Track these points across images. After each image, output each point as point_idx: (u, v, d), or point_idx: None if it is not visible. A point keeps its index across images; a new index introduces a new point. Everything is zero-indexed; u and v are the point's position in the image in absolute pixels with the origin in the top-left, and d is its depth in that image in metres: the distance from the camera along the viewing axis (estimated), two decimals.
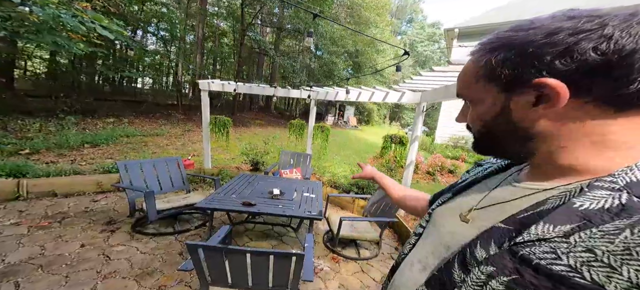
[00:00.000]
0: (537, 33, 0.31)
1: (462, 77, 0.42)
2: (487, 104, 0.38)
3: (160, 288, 1.70)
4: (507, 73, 0.34)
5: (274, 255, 1.15)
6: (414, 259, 0.47)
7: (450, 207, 0.48)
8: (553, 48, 0.30)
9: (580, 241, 0.26)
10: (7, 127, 5.57)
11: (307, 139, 4.61)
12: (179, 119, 9.69)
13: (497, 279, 0.30)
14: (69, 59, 9.61)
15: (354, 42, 14.65)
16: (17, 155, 4.07)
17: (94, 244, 2.16)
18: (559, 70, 0.30)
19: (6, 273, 1.72)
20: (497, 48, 0.35)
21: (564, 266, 0.26)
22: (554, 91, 0.30)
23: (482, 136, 0.42)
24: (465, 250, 0.36)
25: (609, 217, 0.26)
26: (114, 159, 4.53)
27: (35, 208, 2.69)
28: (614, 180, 0.28)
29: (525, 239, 0.30)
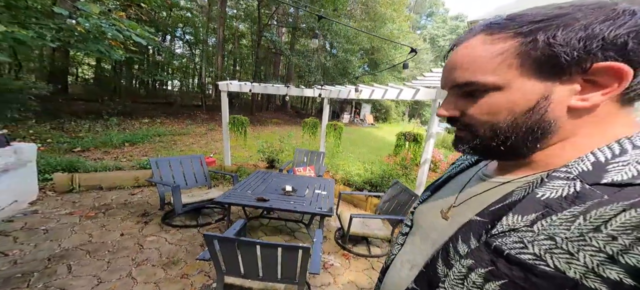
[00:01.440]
0: (604, 12, 0.28)
1: (472, 60, 0.34)
2: (518, 91, 0.32)
3: (183, 276, 1.87)
4: (573, 54, 0.29)
5: (282, 248, 1.24)
6: (403, 259, 0.47)
7: (430, 205, 0.49)
8: (627, 30, 0.27)
9: (543, 229, 0.27)
10: (63, 127, 6.30)
11: (321, 138, 4.68)
12: (202, 118, 10.25)
13: (475, 272, 0.31)
14: (111, 65, 10.57)
15: (369, 39, 14.42)
16: (71, 153, 4.61)
17: (131, 233, 2.40)
18: (629, 54, 0.27)
19: (62, 256, 1.99)
20: (556, 26, 0.29)
21: (531, 254, 0.27)
22: (621, 77, 0.28)
23: (497, 134, 0.34)
24: (448, 246, 0.37)
25: (566, 205, 0.27)
26: (148, 157, 4.96)
27: (85, 200, 3.02)
28: (568, 170, 0.30)
29: (498, 230, 0.31)
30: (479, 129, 0.36)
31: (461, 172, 0.50)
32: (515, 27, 0.32)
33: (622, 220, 0.24)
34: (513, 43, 0.31)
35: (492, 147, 0.36)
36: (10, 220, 2.41)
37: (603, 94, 0.29)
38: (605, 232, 0.24)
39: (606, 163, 0.28)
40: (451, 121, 0.40)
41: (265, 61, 14.61)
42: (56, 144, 4.93)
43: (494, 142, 0.35)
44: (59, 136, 5.54)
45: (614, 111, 0.31)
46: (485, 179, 0.40)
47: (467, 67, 0.35)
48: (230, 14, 14.19)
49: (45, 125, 6.16)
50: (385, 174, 4.00)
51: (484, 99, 0.34)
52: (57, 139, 5.27)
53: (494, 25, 0.34)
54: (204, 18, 13.11)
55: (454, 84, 0.37)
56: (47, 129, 5.90)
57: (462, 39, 0.37)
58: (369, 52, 17.01)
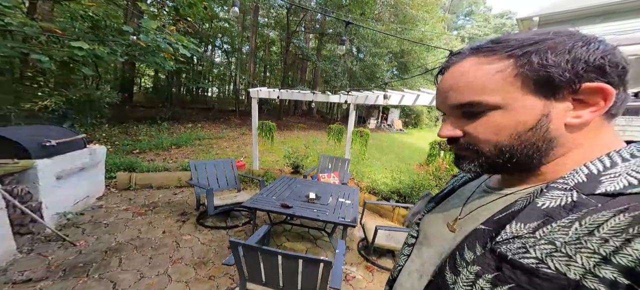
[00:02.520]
0: (580, 39, 0.32)
1: (470, 81, 0.36)
2: (520, 111, 0.34)
3: (211, 278, 1.96)
4: (565, 75, 0.32)
5: (303, 260, 1.22)
6: (412, 269, 0.48)
7: (436, 216, 0.50)
8: (601, 54, 0.31)
9: (544, 235, 0.29)
10: (127, 131, 7.23)
11: (346, 144, 4.62)
12: (236, 123, 10.90)
13: (483, 278, 0.33)
14: (165, 75, 11.90)
15: (399, 42, 13.96)
16: (132, 154, 5.25)
17: (171, 231, 2.60)
18: (608, 74, 0.31)
19: (116, 250, 2.22)
20: (543, 49, 0.32)
21: (533, 258, 0.29)
22: (607, 96, 0.31)
23: (501, 152, 0.36)
24: (455, 254, 0.38)
25: (565, 213, 0.29)
26: (190, 159, 5.42)
27: (138, 197, 3.38)
28: (565, 181, 0.32)
29: (503, 237, 0.32)
30: (483, 148, 0.37)
31: (464, 184, 0.52)
32: (507, 49, 0.34)
33: (612, 224, 0.26)
34: (509, 63, 0.34)
35: (498, 164, 0.38)
36: (81, 213, 2.79)
37: (591, 112, 0.32)
38: (598, 235, 0.26)
39: (599, 175, 0.30)
40: (451, 141, 0.41)
41: (293, 67, 15.05)
42: (121, 146, 5.67)
43: (499, 160, 0.37)
44: (124, 139, 6.36)
45: (600, 126, 0.34)
46: (489, 191, 0.42)
47: (462, 89, 0.37)
48: (262, 22, 14.98)
49: (114, 129, 7.13)
50: (415, 184, 3.79)
51: (485, 118, 0.36)
52: (122, 142, 6.06)
53: (483, 48, 0.36)
54: (239, 27, 14.04)
55: (452, 105, 0.38)
56: (115, 133, 6.82)
57: (452, 62, 0.39)
58: (399, 55, 16.45)
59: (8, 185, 2.10)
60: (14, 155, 2.23)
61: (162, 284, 1.85)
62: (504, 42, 0.35)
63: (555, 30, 0.34)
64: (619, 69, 0.31)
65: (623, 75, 0.32)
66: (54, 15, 6.23)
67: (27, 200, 2.25)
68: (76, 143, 2.87)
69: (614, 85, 0.31)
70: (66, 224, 2.55)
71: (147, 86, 14.38)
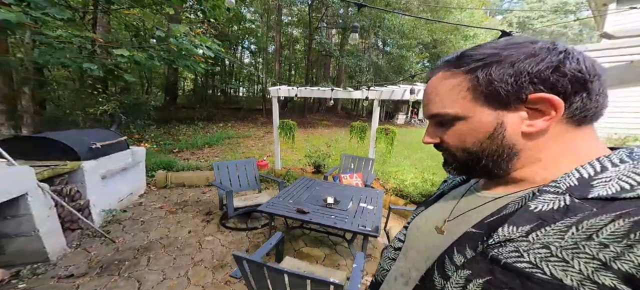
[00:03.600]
0: (527, 52, 0.34)
1: (436, 95, 0.41)
2: (477, 121, 0.38)
3: (227, 283, 1.95)
4: (507, 88, 0.34)
5: (311, 281, 1.10)
6: (397, 274, 0.49)
7: (424, 220, 0.50)
8: (547, 65, 0.33)
9: (537, 239, 0.30)
10: (170, 131, 7.95)
11: (370, 143, 4.37)
12: (262, 122, 11.22)
13: (474, 282, 0.33)
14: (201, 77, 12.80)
15: (430, 31, 12.90)
16: (172, 153, 5.72)
17: (196, 231, 2.68)
18: (554, 85, 0.33)
19: (146, 248, 2.34)
20: (490, 63, 0.35)
21: (527, 263, 0.30)
22: (554, 105, 0.33)
23: (471, 157, 0.40)
24: (443, 257, 0.39)
25: (559, 217, 0.30)
26: (220, 158, 5.70)
27: (172, 195, 3.60)
28: (557, 185, 0.33)
29: (495, 240, 0.33)
30: (456, 153, 0.42)
31: (453, 188, 0.52)
32: (464, 64, 0.38)
33: (613, 230, 0.26)
34: (463, 79, 0.38)
35: (470, 167, 0.42)
36: (124, 210, 3.05)
37: (544, 120, 0.34)
38: (597, 240, 0.26)
39: (590, 179, 0.31)
40: (435, 146, 0.45)
41: (316, 64, 14.96)
42: (164, 146, 6.21)
43: (470, 164, 0.41)
44: (166, 139, 6.97)
45: (571, 131, 0.35)
46: (480, 195, 0.43)
47: (434, 100, 0.41)
48: (286, 21, 15.13)
49: (160, 129, 7.87)
50: None
51: (453, 127, 0.40)
52: (165, 142, 6.64)
53: (449, 62, 0.40)
54: (264, 28, 14.38)
55: (428, 115, 0.43)
56: (161, 133, 7.51)
57: (431, 74, 0.43)
58: (430, 45, 15.26)
59: (58, 185, 2.34)
60: (64, 157, 2.48)
61: (181, 287, 1.89)
62: (463, 58, 0.38)
63: (510, 42, 0.36)
64: (569, 78, 0.33)
65: (579, 84, 0.33)
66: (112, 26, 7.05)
67: (76, 199, 2.50)
68: (119, 145, 3.13)
69: (566, 94, 0.33)
70: (111, 220, 2.79)
71: (188, 88, 15.59)
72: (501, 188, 0.40)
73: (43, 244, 2.00)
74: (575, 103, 0.33)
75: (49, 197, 2.08)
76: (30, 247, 1.98)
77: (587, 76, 0.33)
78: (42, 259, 2.02)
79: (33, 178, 1.97)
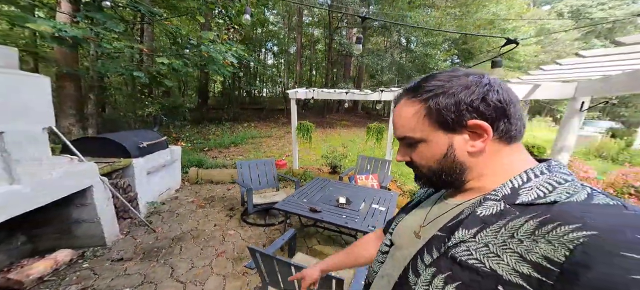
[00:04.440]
0: (463, 84, 0.41)
1: (402, 120, 0.47)
2: (434, 143, 0.44)
3: (244, 273, 2.14)
4: (451, 116, 0.41)
5: None
6: (383, 274, 0.56)
7: (406, 225, 0.56)
8: (477, 96, 0.40)
9: (481, 239, 0.36)
10: (201, 131, 8.65)
11: (387, 144, 4.35)
12: (283, 122, 11.56)
13: (438, 277, 0.39)
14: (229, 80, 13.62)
15: (459, 26, 12.09)
16: (203, 151, 6.23)
17: (221, 225, 2.93)
18: (483, 113, 0.40)
19: (180, 239, 2.61)
20: (438, 94, 0.42)
21: (475, 259, 0.36)
22: (485, 130, 0.40)
23: (433, 173, 0.47)
24: (416, 258, 0.45)
25: (495, 219, 0.36)
26: (244, 156, 6.07)
27: (202, 191, 3.93)
28: (496, 193, 0.39)
29: (452, 242, 0.40)
30: (422, 170, 0.48)
31: (428, 197, 0.59)
32: (420, 94, 0.44)
33: (525, 228, 0.33)
34: (420, 107, 0.44)
35: (434, 182, 0.49)
36: (163, 203, 3.43)
37: (482, 141, 0.41)
38: (516, 237, 0.34)
39: (519, 188, 0.38)
40: (407, 164, 0.51)
41: (337, 64, 14.96)
42: (196, 145, 6.79)
43: (434, 178, 0.47)
44: (199, 138, 7.60)
45: (503, 148, 0.43)
46: (446, 202, 0.49)
47: (400, 124, 0.47)
48: (307, 22, 15.35)
49: (193, 129, 8.59)
50: None
51: (418, 148, 0.47)
52: (197, 141, 7.26)
53: (409, 90, 0.46)
54: (286, 29, 14.75)
55: (397, 137, 0.50)
56: (194, 133, 8.20)
57: (397, 99, 0.49)
58: (460, 41, 14.36)
59: (114, 179, 2.69)
60: (119, 155, 2.86)
61: (205, 275, 2.11)
62: (419, 89, 0.45)
63: (452, 75, 0.43)
64: (492, 107, 0.40)
65: (500, 111, 0.40)
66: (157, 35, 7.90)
67: (128, 191, 2.87)
68: (161, 144, 3.52)
69: (492, 119, 0.40)
70: (153, 211, 3.15)
71: (218, 90, 16.61)
72: (460, 196, 0.47)
73: (102, 230, 2.36)
74: (501, 126, 0.41)
75: (108, 189, 2.44)
76: (93, 232, 2.35)
77: (505, 105, 0.40)
78: (100, 243, 2.38)
79: (97, 173, 2.33)
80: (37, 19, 3.40)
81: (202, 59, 4.68)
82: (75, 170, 2.14)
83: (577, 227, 0.30)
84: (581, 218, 0.31)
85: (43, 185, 1.86)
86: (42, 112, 1.93)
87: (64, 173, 2.02)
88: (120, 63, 4.54)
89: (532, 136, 10.22)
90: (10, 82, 1.69)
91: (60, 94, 4.91)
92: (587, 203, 0.33)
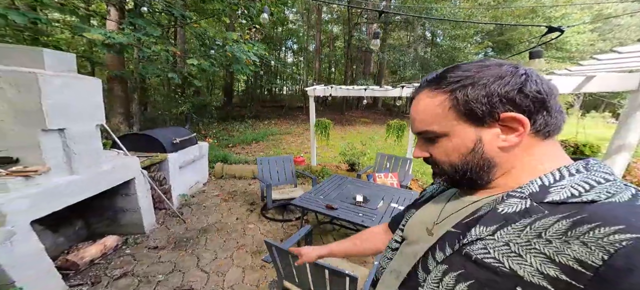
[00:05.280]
0: (495, 74, 0.38)
1: (422, 113, 0.44)
2: (459, 137, 0.41)
3: (262, 267, 2.21)
4: (482, 108, 0.38)
5: (329, 270, 1.22)
6: (392, 269, 0.55)
7: (417, 221, 0.55)
8: (512, 87, 0.37)
9: (501, 237, 0.35)
10: (226, 128, 9.12)
11: (408, 142, 4.20)
12: (302, 119, 11.70)
13: (449, 275, 0.38)
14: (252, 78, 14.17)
15: (494, 16, 11.17)
16: (227, 147, 6.56)
17: (242, 219, 3.06)
18: (519, 105, 0.37)
19: (205, 230, 2.77)
20: (466, 85, 0.39)
21: (492, 258, 0.34)
22: (521, 123, 0.37)
23: (456, 170, 0.44)
24: (427, 254, 0.44)
25: (518, 217, 0.34)
26: (264, 153, 6.28)
27: (226, 185, 4.14)
28: (522, 191, 0.37)
29: (468, 239, 0.38)
30: (443, 166, 0.45)
31: (441, 192, 0.57)
32: (444, 85, 0.41)
33: (555, 228, 0.31)
34: (445, 98, 0.41)
35: (456, 180, 0.45)
36: (192, 195, 3.66)
37: (516, 136, 0.38)
38: (544, 237, 0.31)
39: (549, 186, 0.36)
40: (425, 160, 0.49)
41: (356, 60, 14.72)
42: (222, 141, 7.19)
43: (456, 176, 0.44)
44: (223, 135, 8.03)
45: (537, 144, 0.40)
46: (462, 199, 0.47)
47: (420, 118, 0.45)
48: (326, 19, 15.28)
49: (219, 127, 9.10)
50: None
51: (439, 143, 0.44)
52: (222, 137, 7.68)
53: (431, 81, 0.43)
54: (305, 27, 14.84)
55: (415, 132, 0.47)
56: (219, 130, 8.68)
57: (415, 93, 0.46)
58: (494, 33, 13.28)
59: (152, 172, 2.94)
60: (156, 150, 3.12)
61: (227, 266, 2.22)
62: (443, 79, 0.41)
63: (482, 65, 0.40)
64: (530, 98, 0.37)
65: (539, 104, 0.37)
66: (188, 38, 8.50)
67: (163, 184, 3.11)
68: (191, 140, 3.77)
69: (530, 112, 0.37)
70: (184, 204, 3.38)
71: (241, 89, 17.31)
72: (480, 192, 0.45)
73: (142, 219, 2.58)
74: (539, 120, 0.38)
75: (147, 181, 2.67)
76: (134, 220, 2.58)
77: (545, 96, 0.37)
78: (140, 231, 2.61)
79: (139, 166, 2.56)
80: (92, 29, 3.82)
81: (227, 59, 4.90)
82: (122, 163, 2.37)
83: (620, 229, 0.27)
84: (625, 219, 0.28)
85: (97, 176, 2.09)
86: (95, 111, 2.14)
87: (114, 166, 2.26)
88: (157, 65, 4.95)
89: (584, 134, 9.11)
90: (72, 84, 1.89)
91: (110, 94, 5.50)
92: (631, 204, 0.30)
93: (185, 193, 3.53)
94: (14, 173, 1.58)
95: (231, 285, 2.01)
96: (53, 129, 1.75)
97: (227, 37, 4.67)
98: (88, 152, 2.04)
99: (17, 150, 1.69)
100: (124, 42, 3.71)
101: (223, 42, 4.78)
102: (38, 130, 1.68)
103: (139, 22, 4.13)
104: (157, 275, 2.07)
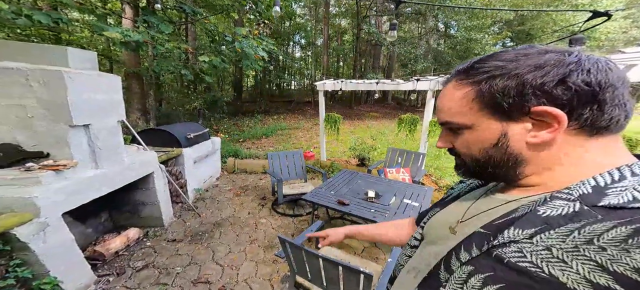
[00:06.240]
0: (534, 64, 0.35)
1: (447, 104, 0.43)
2: (482, 131, 0.40)
3: (274, 261, 2.25)
4: (508, 100, 0.36)
5: (343, 267, 1.23)
6: (410, 267, 0.53)
7: (440, 220, 0.53)
8: (552, 78, 0.33)
9: (541, 241, 0.32)
10: (237, 123, 9.29)
11: (421, 137, 4.11)
12: (310, 114, 11.71)
13: (475, 277, 0.36)
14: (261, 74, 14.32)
15: (513, 4, 10.57)
16: (238, 142, 6.68)
17: (253, 213, 3.11)
18: (558, 97, 0.33)
19: (219, 224, 2.84)
20: (495, 76, 0.37)
21: (528, 262, 0.32)
22: (555, 117, 0.34)
23: (476, 164, 0.43)
24: (450, 254, 0.42)
25: (564, 222, 0.31)
26: (274, 148, 6.34)
27: (237, 180, 4.21)
28: (570, 192, 0.33)
29: (500, 241, 0.35)
30: (465, 158, 0.45)
31: (470, 191, 0.54)
32: (471, 76, 0.39)
33: (613, 235, 0.27)
34: (469, 90, 0.39)
35: (478, 172, 0.44)
36: (206, 190, 3.75)
37: (549, 132, 0.35)
38: (597, 244, 0.28)
39: (606, 187, 0.32)
40: (449, 151, 0.48)
41: (365, 54, 14.46)
42: (233, 136, 7.34)
43: (477, 168, 0.43)
44: (234, 130, 8.19)
45: (583, 141, 0.35)
46: (493, 197, 0.45)
47: (444, 109, 0.44)
48: (334, 12, 15.04)
49: (229, 122, 9.27)
50: None
51: (461, 135, 0.43)
52: (233, 132, 7.83)
53: (461, 71, 0.41)
54: (312, 21, 14.69)
55: (440, 122, 0.46)
56: (230, 125, 8.85)
57: (446, 81, 0.45)
58: (514, 22, 12.61)
59: (169, 166, 3.02)
60: (172, 145, 3.20)
61: (240, 260, 2.27)
62: (472, 69, 0.40)
63: (520, 54, 0.36)
64: (574, 91, 0.33)
65: (587, 96, 0.33)
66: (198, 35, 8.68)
67: (179, 178, 3.20)
68: (204, 136, 3.84)
69: (571, 106, 0.33)
70: (198, 198, 3.47)
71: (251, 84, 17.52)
72: (516, 191, 0.42)
73: (161, 212, 2.68)
74: (585, 114, 0.34)
75: (164, 175, 2.75)
76: (154, 213, 2.68)
77: (596, 89, 0.32)
78: (159, 224, 2.71)
79: (157, 160, 2.64)
80: (110, 27, 3.95)
81: (237, 55, 4.95)
82: (142, 158, 2.45)
83: None
84: None
85: (120, 170, 2.17)
86: (116, 107, 2.20)
87: (134, 160, 2.34)
88: (170, 62, 5.07)
89: None
90: (94, 81, 1.96)
91: (128, 91, 5.70)
92: None
93: (200, 187, 3.61)
94: (46, 167, 1.67)
95: (245, 279, 2.06)
96: (79, 124, 1.83)
97: (237, 33, 4.71)
98: (111, 147, 2.11)
99: (46, 146, 1.78)
100: (140, 40, 3.82)
101: (232, 38, 4.83)
102: (65, 126, 1.76)
103: (152, 19, 4.22)
104: (175, 268, 2.15)
